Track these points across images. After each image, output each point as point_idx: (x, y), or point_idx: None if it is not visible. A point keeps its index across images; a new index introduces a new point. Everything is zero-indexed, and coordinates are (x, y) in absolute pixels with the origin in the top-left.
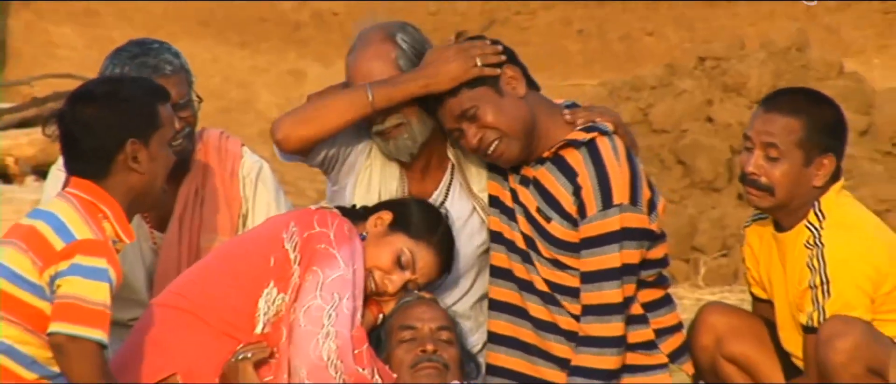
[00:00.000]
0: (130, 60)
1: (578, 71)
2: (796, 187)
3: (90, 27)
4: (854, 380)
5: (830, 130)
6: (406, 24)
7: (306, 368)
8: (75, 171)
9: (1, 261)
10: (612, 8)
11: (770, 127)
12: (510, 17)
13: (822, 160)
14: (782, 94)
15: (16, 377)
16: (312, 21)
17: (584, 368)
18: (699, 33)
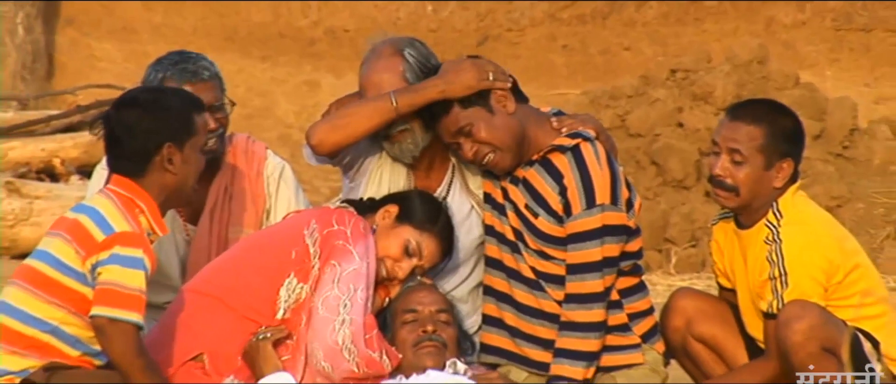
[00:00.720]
0: (172, 66)
1: (563, 82)
2: (758, 188)
3: (128, 43)
4: (810, 358)
5: (789, 138)
6: (414, 40)
7: (323, 350)
8: (116, 169)
9: (47, 251)
10: (592, 25)
11: (735, 134)
12: (502, 34)
13: (782, 164)
14: (746, 104)
15: (62, 354)
16: (326, 37)
17: (567, 350)
18: (670, 48)
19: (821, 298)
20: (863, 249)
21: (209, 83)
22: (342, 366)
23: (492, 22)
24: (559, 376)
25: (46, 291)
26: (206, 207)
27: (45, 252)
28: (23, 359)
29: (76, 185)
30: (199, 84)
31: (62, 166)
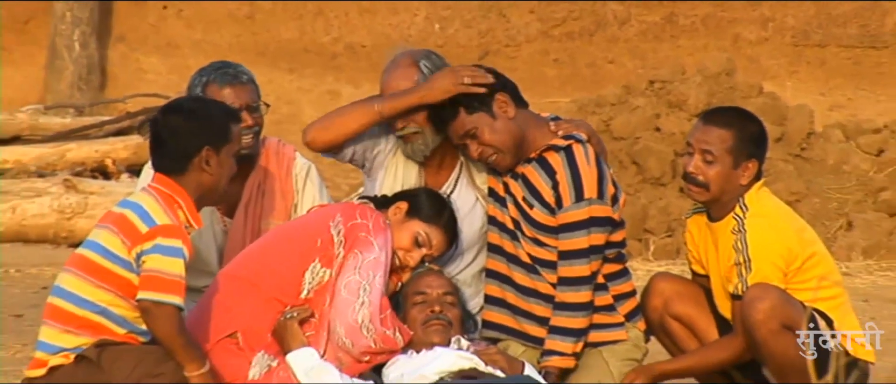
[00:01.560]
0: (215, 71)
1: (554, 91)
2: (727, 185)
3: (171, 57)
4: (770, 334)
5: (755, 141)
6: (430, 53)
7: (344, 328)
8: (159, 168)
9: (97, 241)
10: (580, 42)
11: (707, 136)
12: (501, 49)
13: (748, 164)
14: (717, 111)
15: (111, 332)
16: (345, 52)
17: (560, 327)
18: (649, 62)
19: (781, 282)
20: (819, 239)
21: (247, 86)
22: (361, 342)
23: (491, 39)
24: (552, 350)
25: (96, 277)
26: (242, 202)
27: (95, 242)
28: (76, 337)
29: (126, 183)
30: (238, 86)
31: (113, 166)
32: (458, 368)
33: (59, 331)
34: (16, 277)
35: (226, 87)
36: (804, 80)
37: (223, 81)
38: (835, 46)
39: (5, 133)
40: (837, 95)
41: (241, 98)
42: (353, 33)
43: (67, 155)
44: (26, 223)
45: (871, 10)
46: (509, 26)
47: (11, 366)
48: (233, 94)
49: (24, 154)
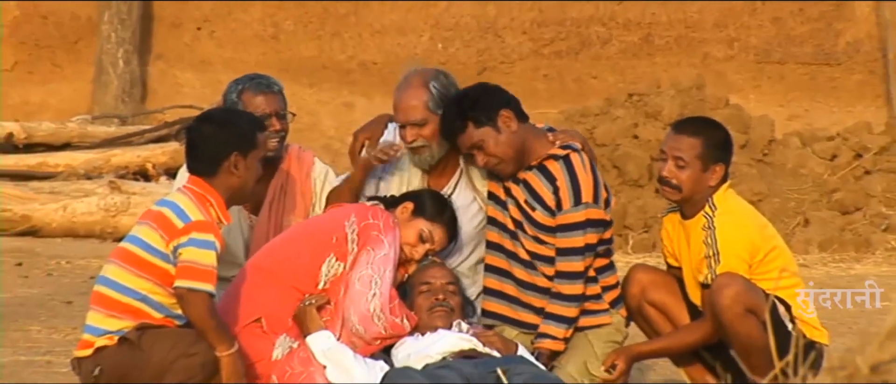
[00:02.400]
0: (249, 81)
1: (544, 103)
2: (697, 187)
3: (204, 73)
4: (736, 317)
5: (721, 147)
6: (440, 72)
7: (357, 316)
8: (193, 170)
9: (138, 236)
10: (567, 59)
11: (679, 144)
12: (497, 66)
13: (715, 168)
14: (688, 121)
15: (150, 317)
16: (358, 68)
17: (554, 314)
18: (628, 77)
19: (745, 272)
20: (779, 234)
21: (277, 96)
22: (372, 329)
23: (488, 57)
24: (545, 334)
25: (137, 267)
26: (266, 200)
27: (136, 237)
28: (119, 321)
29: (164, 184)
30: (269, 95)
31: (153, 169)
32: (459, 349)
33: (104, 315)
34: (66, 268)
35: (259, 94)
36: (766, 94)
37: (257, 90)
38: (793, 63)
39: (57, 140)
40: (795, 107)
41: (271, 105)
42: (366, 52)
43: (112, 159)
44: (76, 220)
45: (825, 31)
46: (504, 46)
47: (63, 347)
48: (264, 101)
49: (74, 159)
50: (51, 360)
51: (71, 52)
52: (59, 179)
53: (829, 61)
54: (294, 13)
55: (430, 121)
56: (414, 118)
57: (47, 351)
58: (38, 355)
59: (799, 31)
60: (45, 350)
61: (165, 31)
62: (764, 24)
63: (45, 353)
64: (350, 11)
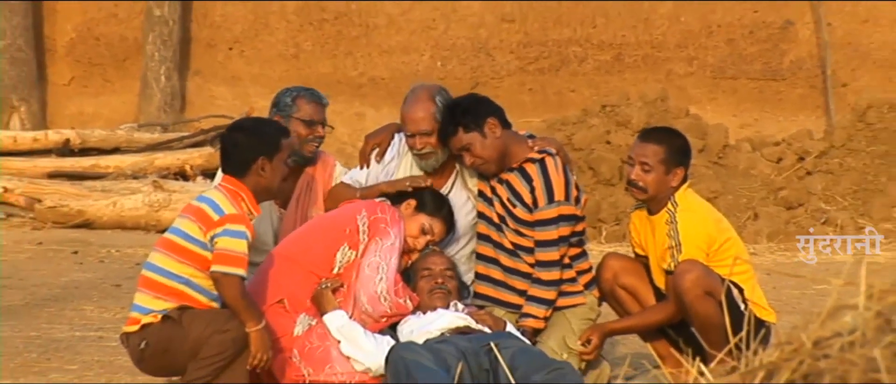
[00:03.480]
0: (304, 90)
1: (529, 113)
2: (661, 188)
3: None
4: (696, 299)
5: (681, 153)
6: (442, 88)
7: (367, 297)
8: (227, 171)
9: (179, 227)
10: (549, 75)
11: (644, 151)
12: (488, 81)
13: (676, 170)
14: (651, 130)
15: (190, 298)
16: (368, 83)
17: (535, 297)
18: (602, 90)
19: (704, 260)
20: (732, 227)
21: (324, 107)
22: (379, 308)
23: (481, 73)
24: (528, 314)
25: (179, 255)
26: (293, 195)
27: (178, 228)
28: (163, 301)
29: (200, 183)
30: (318, 106)
31: (191, 170)
32: (456, 326)
33: (150, 296)
34: (116, 256)
35: (312, 103)
36: (721, 105)
37: (310, 99)
38: (744, 79)
39: (108, 145)
40: (746, 117)
41: (318, 114)
42: (375, 69)
43: (155, 162)
44: (124, 214)
45: (772, 51)
46: (494, 63)
47: (113, 324)
48: (314, 110)
49: (122, 161)
50: (102, 336)
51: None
52: (110, 179)
53: (776, 77)
54: (313, 35)
55: (436, 130)
56: (423, 128)
57: (99, 327)
58: (91, 331)
59: (749, 51)
60: (97, 326)
61: (201, 51)
62: (719, 45)
63: (97, 329)
64: (361, 34)
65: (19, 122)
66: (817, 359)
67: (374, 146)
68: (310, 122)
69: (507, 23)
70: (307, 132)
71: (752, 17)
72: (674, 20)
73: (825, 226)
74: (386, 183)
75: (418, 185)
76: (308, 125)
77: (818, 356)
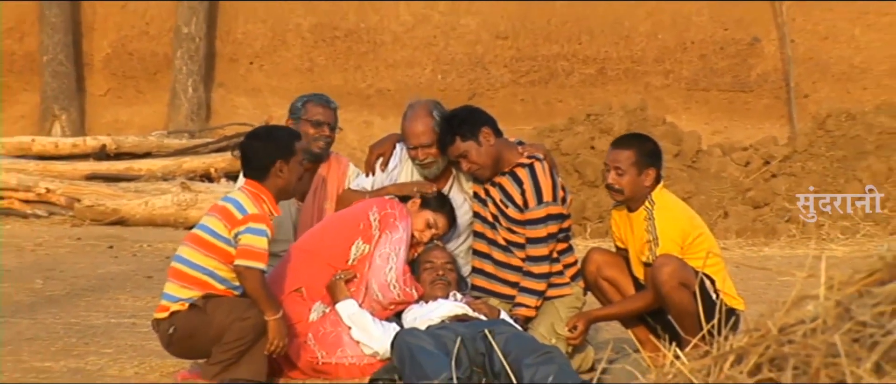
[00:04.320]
0: (314, 96)
1: (521, 121)
2: (635, 188)
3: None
4: (673, 289)
5: (651, 155)
6: (437, 102)
7: (377, 285)
8: (248, 176)
9: (206, 224)
10: (539, 87)
11: (617, 156)
12: (484, 92)
13: (648, 171)
14: (623, 137)
15: (214, 288)
16: (376, 94)
17: (527, 288)
18: (587, 101)
19: (679, 254)
20: (704, 224)
21: (332, 110)
22: (389, 295)
23: (477, 85)
24: (521, 303)
25: (205, 249)
26: (310, 190)
27: (204, 225)
28: (190, 290)
29: (224, 185)
30: (326, 108)
31: (215, 173)
32: (454, 314)
33: (178, 286)
34: (148, 250)
35: (319, 106)
36: (694, 114)
37: (318, 102)
38: (715, 91)
39: (140, 150)
40: (717, 124)
41: (325, 116)
42: (382, 81)
43: (183, 165)
44: (155, 213)
45: (740, 66)
46: (490, 76)
47: (144, 311)
48: (321, 112)
49: (153, 165)
50: (135, 322)
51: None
52: (142, 181)
53: (744, 89)
54: (325, 51)
55: (435, 141)
56: (424, 141)
57: (132, 315)
58: (125, 318)
59: (720, 66)
60: (130, 314)
61: (225, 65)
62: (693, 60)
63: (130, 317)
64: (369, 50)
65: (60, 129)
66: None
67: (378, 156)
68: (317, 123)
69: (501, 40)
70: (315, 132)
71: (723, 34)
72: (652, 37)
73: (789, 224)
74: (394, 185)
75: (425, 191)
76: (315, 125)
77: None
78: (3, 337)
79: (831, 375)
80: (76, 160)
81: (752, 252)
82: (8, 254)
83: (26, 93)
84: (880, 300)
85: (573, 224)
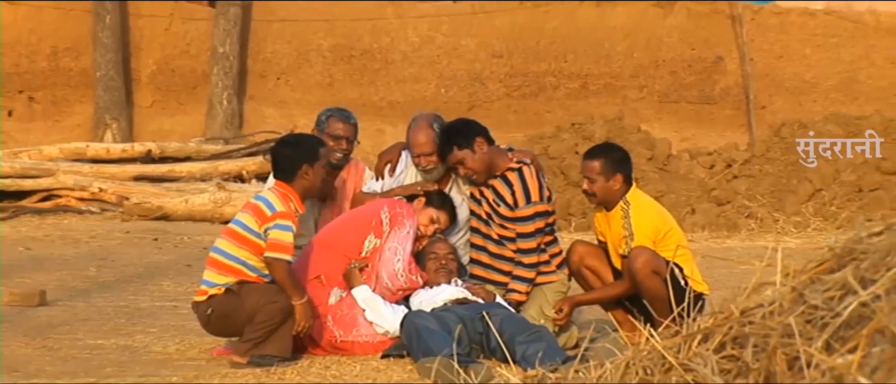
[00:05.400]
0: (336, 111)
1: (514, 129)
2: (605, 192)
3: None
4: (646, 277)
5: (617, 162)
6: (437, 115)
7: (387, 274)
8: (277, 177)
9: (239, 220)
10: (530, 100)
11: (587, 167)
12: (481, 104)
13: (616, 176)
14: (592, 149)
15: (246, 276)
16: (387, 106)
17: (519, 276)
18: (571, 112)
19: (652, 246)
20: (674, 220)
21: (352, 125)
22: (396, 283)
23: (475, 98)
24: (513, 289)
25: (239, 242)
26: (331, 193)
27: (238, 220)
28: (225, 277)
29: (254, 185)
30: (346, 124)
31: (247, 174)
32: (456, 297)
33: (215, 273)
34: (188, 242)
35: (340, 121)
36: (666, 123)
37: (339, 117)
38: (684, 103)
39: (181, 154)
40: (685, 132)
41: (345, 131)
42: (392, 95)
43: (219, 168)
44: (194, 209)
45: (706, 81)
46: (486, 90)
47: (185, 296)
48: (342, 127)
49: (193, 167)
50: (177, 305)
51: (191, 95)
52: (182, 181)
53: (709, 102)
54: (343, 68)
55: (436, 150)
56: (426, 151)
57: (174, 299)
58: (168, 302)
59: (688, 81)
60: (172, 298)
61: (256, 81)
62: (664, 76)
63: (173, 300)
64: (381, 67)
65: (111, 136)
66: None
67: (387, 162)
68: (336, 137)
69: (497, 58)
70: (334, 144)
71: (690, 53)
72: (628, 56)
73: (748, 220)
74: (400, 187)
75: (427, 188)
76: (335, 139)
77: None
78: (62, 318)
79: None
80: (125, 163)
81: (716, 244)
82: (66, 246)
83: (82, 105)
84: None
85: (558, 219)
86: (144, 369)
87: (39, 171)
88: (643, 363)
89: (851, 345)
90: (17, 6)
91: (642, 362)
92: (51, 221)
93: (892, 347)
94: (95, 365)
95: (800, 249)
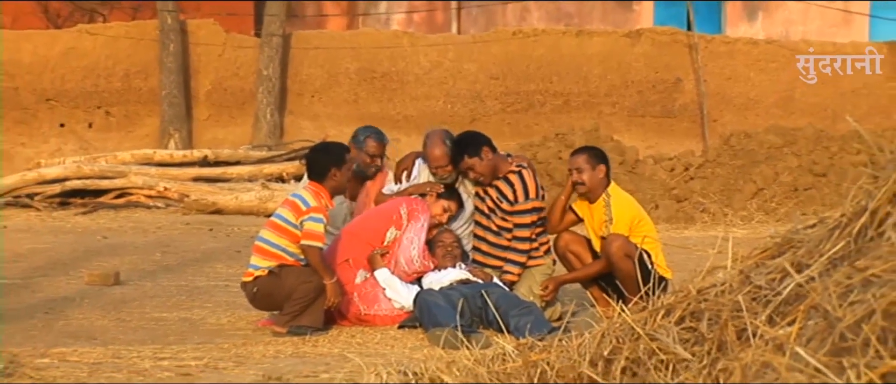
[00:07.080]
0: (373, 131)
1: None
2: (593, 180)
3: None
4: (620, 259)
5: (598, 155)
6: (447, 131)
7: (404, 259)
8: (311, 178)
9: (280, 213)
10: (523, 114)
11: (575, 161)
12: (480, 117)
13: (600, 166)
14: (577, 149)
15: (286, 260)
16: (402, 119)
17: (512, 260)
18: (556, 124)
19: (627, 233)
20: (645, 212)
21: (383, 144)
22: (412, 266)
23: (476, 112)
24: (507, 271)
25: (279, 232)
26: (360, 196)
27: (279, 214)
28: (268, 261)
29: (293, 185)
30: (379, 144)
31: (287, 176)
32: (460, 279)
33: (260, 258)
34: (238, 232)
35: (375, 142)
36: (634, 133)
37: (375, 138)
38: (650, 116)
39: (232, 159)
40: (650, 140)
41: (378, 150)
42: (407, 110)
43: (263, 170)
44: (243, 205)
45: (668, 99)
46: (485, 106)
47: (235, 277)
48: (376, 147)
49: (242, 170)
50: (228, 284)
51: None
52: (233, 182)
53: (670, 116)
54: (367, 88)
55: (449, 161)
56: (442, 163)
57: (226, 279)
58: (221, 281)
59: (653, 99)
60: (224, 278)
61: (294, 98)
62: (633, 95)
63: (225, 280)
64: (398, 87)
65: (174, 144)
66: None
67: (403, 169)
68: (372, 155)
69: (494, 79)
70: (370, 161)
71: (654, 75)
72: (603, 78)
73: (703, 214)
74: (412, 186)
75: (436, 189)
76: (371, 157)
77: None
78: (133, 295)
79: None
80: (185, 167)
81: (675, 234)
82: (136, 235)
83: (149, 118)
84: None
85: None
86: (201, 337)
87: (114, 173)
88: (616, 333)
89: (790, 319)
90: (96, 37)
91: (615, 333)
92: (123, 215)
93: (824, 321)
94: (160, 334)
95: (746, 239)
